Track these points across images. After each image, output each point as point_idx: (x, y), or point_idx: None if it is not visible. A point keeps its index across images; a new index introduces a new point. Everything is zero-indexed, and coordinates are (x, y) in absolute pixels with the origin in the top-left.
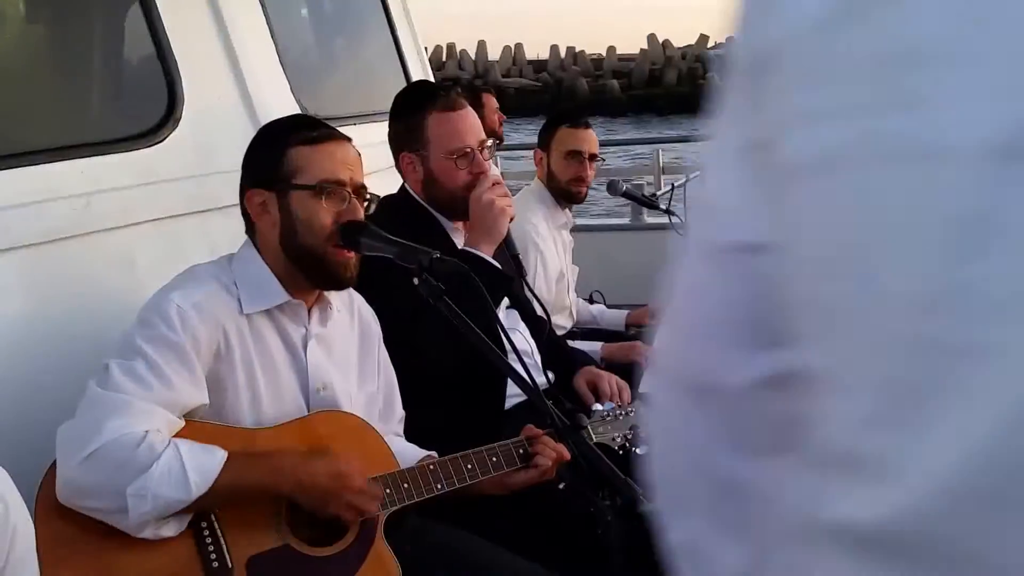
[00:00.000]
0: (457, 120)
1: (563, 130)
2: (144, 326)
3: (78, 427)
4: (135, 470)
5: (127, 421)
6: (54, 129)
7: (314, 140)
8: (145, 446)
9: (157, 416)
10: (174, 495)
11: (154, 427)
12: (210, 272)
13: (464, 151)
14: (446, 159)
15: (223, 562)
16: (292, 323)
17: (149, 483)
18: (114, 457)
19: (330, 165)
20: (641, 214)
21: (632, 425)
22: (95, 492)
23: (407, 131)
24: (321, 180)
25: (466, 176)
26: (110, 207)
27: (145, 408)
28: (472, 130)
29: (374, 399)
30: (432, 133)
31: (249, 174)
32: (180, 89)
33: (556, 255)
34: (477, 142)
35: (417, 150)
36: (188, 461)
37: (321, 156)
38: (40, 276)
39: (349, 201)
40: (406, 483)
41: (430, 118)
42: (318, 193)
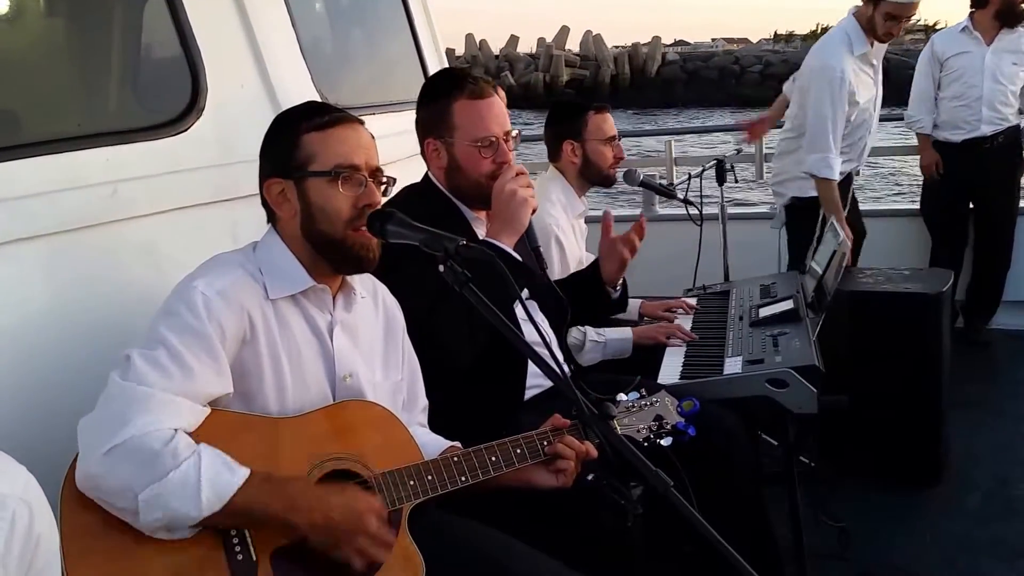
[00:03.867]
0: (484, 108)
1: (593, 117)
2: (168, 314)
3: (100, 419)
4: (153, 474)
5: (155, 417)
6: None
7: (325, 125)
8: (171, 449)
9: (182, 409)
10: (183, 510)
11: (182, 425)
12: (235, 260)
13: (489, 139)
14: (471, 146)
15: (247, 554)
16: (317, 309)
17: (162, 491)
18: (137, 454)
19: (344, 149)
20: (653, 205)
21: (657, 415)
22: (110, 489)
23: (433, 117)
24: (335, 165)
25: (490, 165)
26: (135, 195)
27: (168, 400)
28: (498, 119)
29: (399, 388)
30: (458, 120)
31: (266, 164)
32: (204, 79)
33: (575, 245)
34: (503, 131)
35: (442, 136)
36: (205, 476)
37: (334, 141)
38: (65, 264)
39: (365, 185)
40: (430, 475)
41: (456, 105)
42: (334, 179)
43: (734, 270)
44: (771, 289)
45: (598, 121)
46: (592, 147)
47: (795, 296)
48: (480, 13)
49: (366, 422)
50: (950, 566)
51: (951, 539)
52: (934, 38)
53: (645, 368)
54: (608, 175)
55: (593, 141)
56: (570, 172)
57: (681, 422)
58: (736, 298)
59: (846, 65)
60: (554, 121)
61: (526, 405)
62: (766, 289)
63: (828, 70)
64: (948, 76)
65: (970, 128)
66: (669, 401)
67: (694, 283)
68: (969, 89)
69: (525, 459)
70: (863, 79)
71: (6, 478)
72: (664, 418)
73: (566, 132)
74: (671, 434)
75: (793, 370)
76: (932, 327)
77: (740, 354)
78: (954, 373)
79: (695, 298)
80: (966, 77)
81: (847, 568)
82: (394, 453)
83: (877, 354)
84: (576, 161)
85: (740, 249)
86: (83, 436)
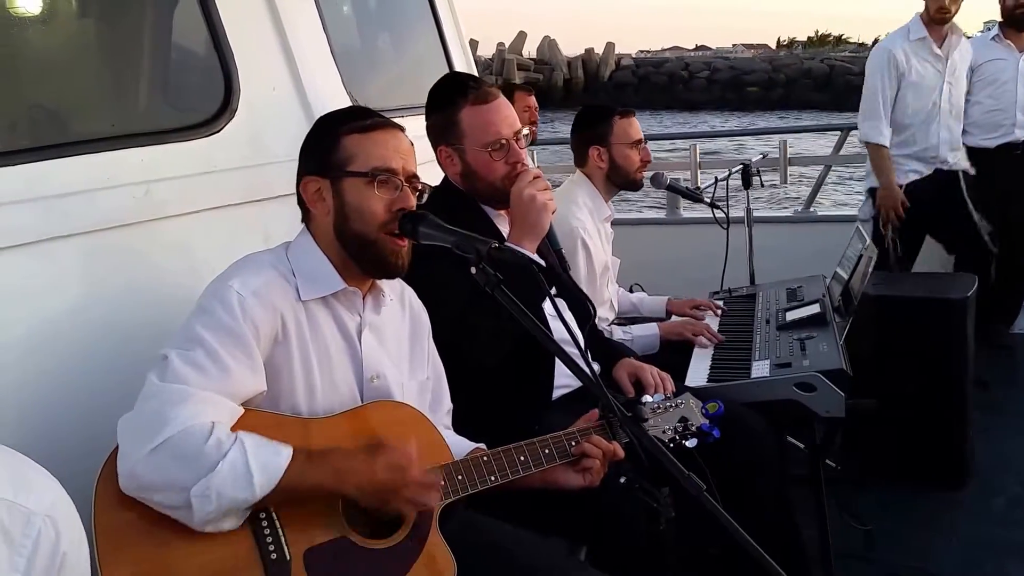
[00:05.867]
0: (490, 112)
1: (619, 122)
2: (203, 313)
3: (141, 419)
4: (201, 468)
5: (193, 411)
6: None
7: (367, 128)
8: (213, 441)
9: (220, 406)
10: (238, 495)
11: (220, 418)
12: (267, 260)
13: (499, 143)
14: (482, 151)
15: (281, 554)
16: (347, 311)
17: (213, 482)
18: (181, 451)
19: (383, 153)
20: (677, 208)
21: (682, 417)
22: (160, 487)
23: (442, 125)
24: (373, 167)
25: (504, 167)
26: (169, 195)
27: (207, 398)
28: (506, 121)
29: (425, 388)
30: (466, 126)
31: (305, 162)
32: (236, 80)
33: (601, 249)
34: (512, 132)
35: (453, 143)
36: (253, 460)
37: (374, 144)
38: (99, 262)
39: (401, 189)
40: (460, 475)
41: (463, 112)
42: (371, 181)
43: (760, 274)
44: (798, 293)
45: (624, 125)
46: (619, 151)
47: (822, 300)
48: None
49: (397, 423)
50: (975, 569)
51: (976, 542)
52: None
53: (672, 370)
54: (635, 179)
55: (619, 145)
56: (597, 177)
57: (706, 424)
58: (762, 301)
59: (896, 47)
60: (580, 127)
61: (554, 405)
62: (792, 292)
63: (880, 50)
64: (981, 82)
65: (1004, 132)
66: (694, 403)
67: (720, 286)
68: (1004, 94)
69: (553, 459)
70: (919, 63)
71: (34, 494)
72: (689, 420)
73: (592, 137)
74: (696, 436)
75: (821, 374)
76: (956, 331)
77: (767, 357)
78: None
79: (721, 301)
80: (1000, 83)
81: (872, 570)
82: (424, 453)
83: (902, 357)
84: (603, 166)
85: (766, 253)
86: (124, 436)
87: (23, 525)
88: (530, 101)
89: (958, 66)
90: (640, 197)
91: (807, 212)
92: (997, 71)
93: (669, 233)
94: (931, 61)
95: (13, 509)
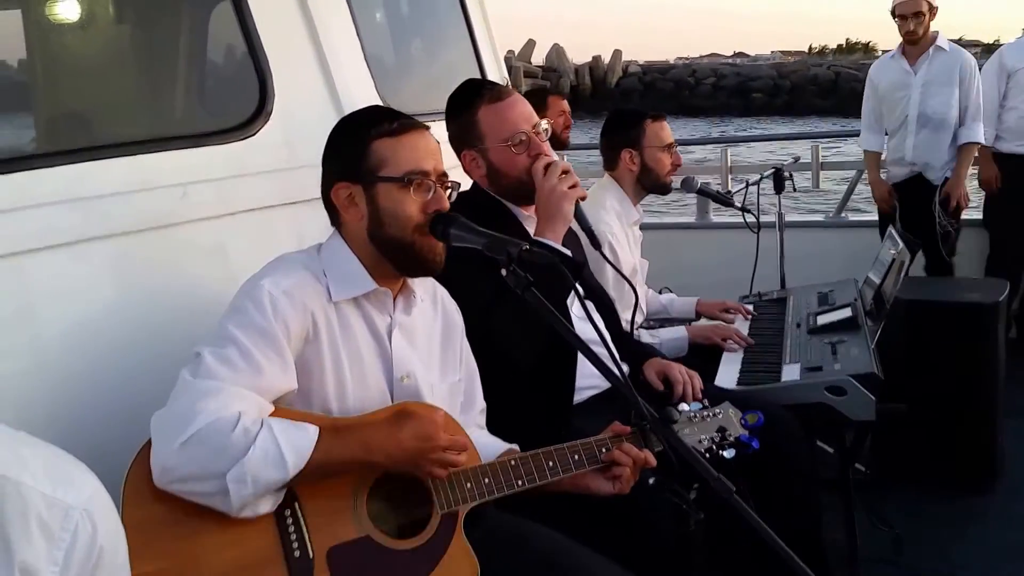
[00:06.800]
0: (505, 109)
1: (651, 125)
2: (236, 313)
3: (172, 415)
4: (233, 455)
5: (222, 403)
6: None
7: (395, 132)
8: (240, 429)
9: (249, 400)
10: (273, 475)
11: (245, 408)
12: (299, 260)
13: (519, 137)
14: (503, 147)
15: (304, 551)
16: (378, 312)
17: (248, 466)
18: (211, 442)
19: (414, 156)
20: (707, 213)
21: (720, 427)
22: (196, 477)
23: (463, 129)
24: (407, 172)
25: (526, 160)
26: (205, 197)
27: (236, 392)
28: (523, 115)
29: (456, 390)
30: (485, 126)
31: (333, 167)
32: (271, 85)
33: (628, 253)
34: (530, 126)
35: (475, 145)
36: (283, 441)
37: (404, 148)
38: (136, 263)
39: (434, 191)
40: (487, 478)
41: (481, 112)
42: (405, 185)
43: (790, 279)
44: (829, 297)
45: (656, 129)
46: (650, 154)
47: (853, 304)
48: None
49: None
50: (1003, 574)
51: (1005, 547)
52: (1002, 50)
53: (701, 373)
54: (665, 183)
55: (651, 148)
56: (627, 180)
57: (745, 435)
58: (793, 305)
59: (877, 65)
60: (611, 130)
61: (581, 407)
62: (823, 297)
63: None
64: (1016, 87)
65: None
66: (733, 413)
67: (751, 290)
68: None
69: (583, 465)
70: (888, 78)
71: (72, 488)
72: (727, 430)
73: (624, 141)
74: (734, 446)
75: (852, 378)
76: (988, 336)
77: (798, 361)
78: (1008, 383)
79: (751, 305)
80: None
81: (900, 574)
82: None
83: (933, 362)
84: (634, 169)
85: (797, 258)
86: (156, 432)
87: (61, 519)
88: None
89: (936, 76)
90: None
91: (839, 217)
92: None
93: (699, 238)
94: (900, 76)
95: (52, 503)
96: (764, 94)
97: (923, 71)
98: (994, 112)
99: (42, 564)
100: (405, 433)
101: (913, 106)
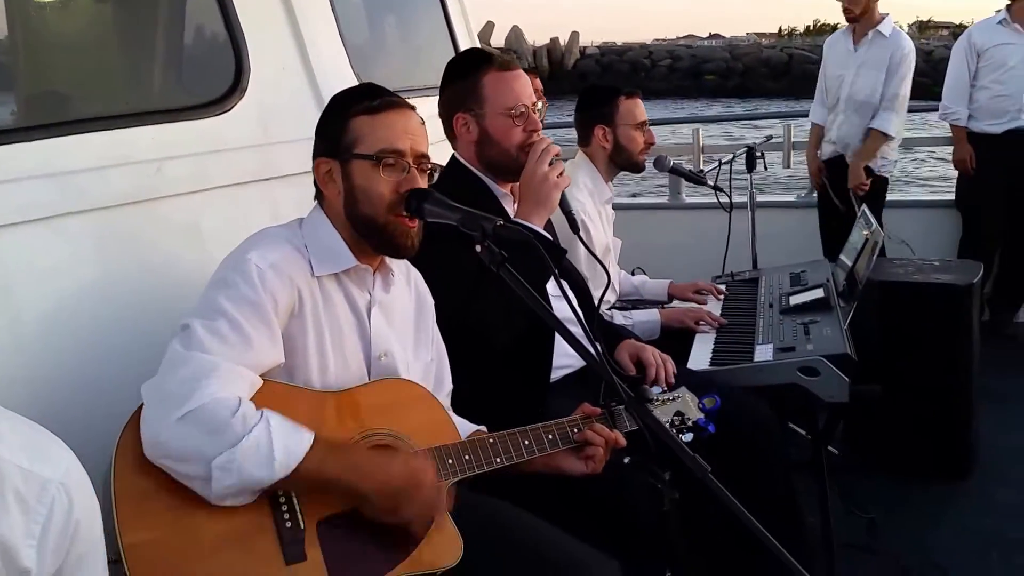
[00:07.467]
0: (512, 79)
1: (624, 102)
2: (225, 285)
3: (170, 385)
4: (226, 440)
5: (222, 384)
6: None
7: (375, 109)
8: (239, 415)
9: (244, 378)
10: (257, 473)
11: (246, 393)
12: (282, 234)
13: (520, 108)
14: (504, 116)
15: (296, 522)
16: (358, 288)
17: (236, 456)
18: (209, 421)
19: (389, 134)
20: (680, 193)
21: (678, 411)
22: (184, 457)
23: (463, 91)
24: (379, 150)
25: (521, 134)
26: (180, 173)
27: (232, 369)
28: (526, 90)
29: (429, 369)
30: (489, 91)
31: (318, 142)
32: (246, 60)
33: (601, 232)
34: (531, 102)
35: (472, 109)
36: (277, 439)
37: (381, 126)
38: (113, 238)
39: (408, 171)
40: (467, 454)
41: (487, 77)
42: (377, 163)
43: (762, 259)
44: (801, 277)
45: (629, 106)
46: (623, 132)
47: (826, 284)
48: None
49: (408, 401)
50: (981, 560)
51: (982, 533)
52: (971, 30)
53: (674, 356)
54: (638, 161)
55: (624, 126)
56: (599, 157)
57: (702, 419)
58: (765, 286)
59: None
60: (585, 106)
61: (555, 386)
62: (796, 277)
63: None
64: (987, 66)
65: (1010, 118)
66: (690, 398)
67: (723, 270)
68: (1011, 79)
69: (556, 445)
70: (833, 56)
71: (49, 462)
72: (685, 414)
73: (597, 117)
74: (691, 430)
75: (825, 358)
76: (962, 318)
77: (771, 341)
78: (982, 366)
79: (724, 285)
80: (1007, 67)
81: (876, 560)
82: (433, 432)
83: (906, 344)
84: (607, 146)
85: (768, 238)
86: (150, 402)
87: (38, 492)
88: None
89: (869, 60)
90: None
91: (811, 197)
92: (1004, 56)
93: (671, 218)
94: (843, 54)
95: (29, 476)
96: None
97: (861, 52)
98: (965, 91)
99: (19, 538)
100: (395, 468)
101: (845, 86)
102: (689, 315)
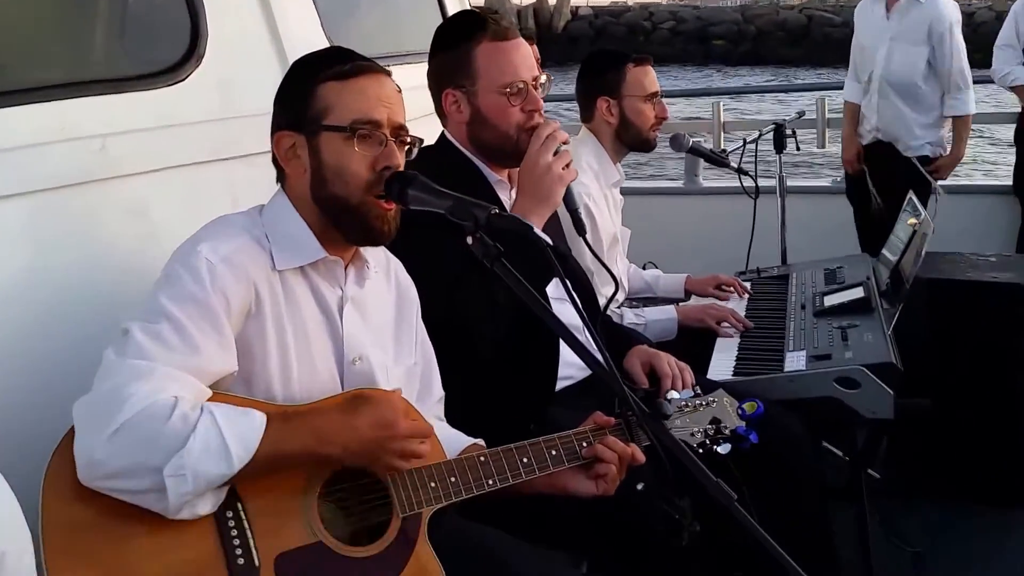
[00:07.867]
0: (510, 50)
1: (633, 70)
2: (169, 282)
3: (98, 401)
4: (170, 446)
5: (155, 387)
6: (67, 64)
7: (346, 74)
8: (177, 416)
9: (185, 383)
10: (216, 470)
11: (182, 392)
12: (240, 223)
13: (518, 85)
14: (498, 94)
15: (249, 559)
16: (327, 284)
17: (187, 459)
18: (145, 430)
19: (364, 103)
20: (696, 175)
21: (714, 418)
22: (127, 472)
23: (452, 64)
24: (353, 120)
25: (519, 114)
26: (127, 150)
27: (170, 373)
28: (526, 62)
29: (413, 375)
30: (481, 65)
31: (279, 114)
32: (204, 23)
33: (608, 219)
34: (531, 77)
35: (463, 86)
36: (227, 430)
37: (354, 93)
38: (51, 223)
39: (386, 144)
40: (453, 476)
41: (479, 48)
42: (350, 135)
43: (793, 251)
44: (837, 274)
45: (638, 75)
46: (630, 104)
47: (866, 283)
48: None
49: None
50: None
51: None
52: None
53: (692, 360)
54: (648, 138)
55: (631, 97)
56: (605, 134)
57: (742, 427)
58: (796, 283)
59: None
60: (587, 74)
61: (557, 398)
62: (831, 274)
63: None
64: None
65: None
66: (728, 402)
67: (747, 265)
68: None
69: (561, 462)
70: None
71: None
72: (722, 421)
73: (601, 87)
74: (730, 440)
75: (866, 368)
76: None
77: (803, 348)
78: None
79: (748, 282)
80: None
81: None
82: None
83: (959, 352)
84: (612, 121)
85: (800, 228)
86: (81, 421)
87: None
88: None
89: (905, 32)
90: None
91: None
92: None
93: (688, 204)
94: (876, 22)
95: None
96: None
97: (894, 22)
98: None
99: None
100: (362, 420)
101: (880, 62)
102: (710, 313)
